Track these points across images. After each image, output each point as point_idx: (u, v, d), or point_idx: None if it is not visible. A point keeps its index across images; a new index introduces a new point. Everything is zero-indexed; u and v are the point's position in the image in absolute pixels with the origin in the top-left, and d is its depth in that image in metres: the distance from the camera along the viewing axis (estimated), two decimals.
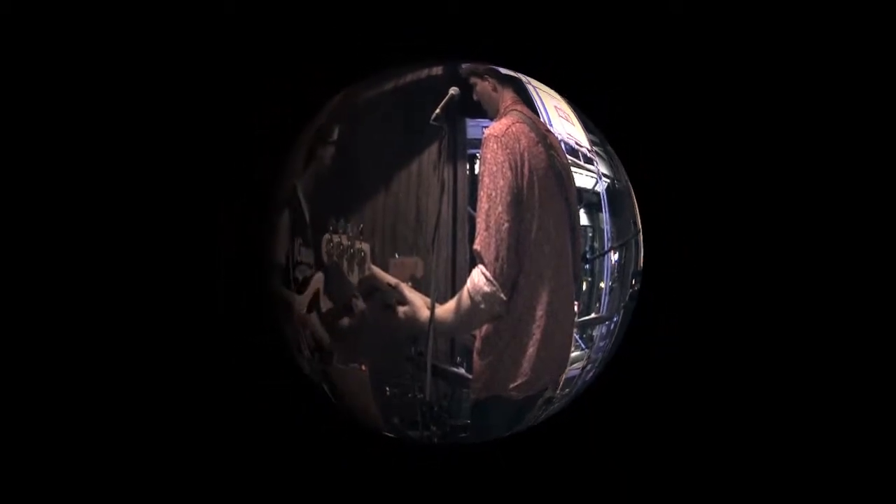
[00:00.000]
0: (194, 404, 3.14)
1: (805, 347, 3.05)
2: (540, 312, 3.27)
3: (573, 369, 3.60)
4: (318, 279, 3.13)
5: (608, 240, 3.39)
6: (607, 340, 3.57)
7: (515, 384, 3.29)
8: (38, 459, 3.10)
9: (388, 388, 3.32)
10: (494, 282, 3.16)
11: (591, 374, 3.63)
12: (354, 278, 3.02)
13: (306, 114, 3.17)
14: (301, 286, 3.09)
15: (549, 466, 3.18)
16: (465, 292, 3.20)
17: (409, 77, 3.03)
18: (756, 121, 2.98)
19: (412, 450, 3.16)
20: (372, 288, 3.10)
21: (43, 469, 3.10)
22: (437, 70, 3.05)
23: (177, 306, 3.12)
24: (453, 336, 3.39)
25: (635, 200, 3.05)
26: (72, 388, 3.11)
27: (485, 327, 3.24)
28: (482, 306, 3.17)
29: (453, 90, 2.91)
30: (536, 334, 3.28)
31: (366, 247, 3.02)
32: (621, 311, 3.44)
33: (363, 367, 3.31)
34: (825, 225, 3.01)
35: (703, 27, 2.94)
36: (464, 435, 3.55)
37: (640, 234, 3.08)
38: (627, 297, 3.49)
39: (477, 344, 3.28)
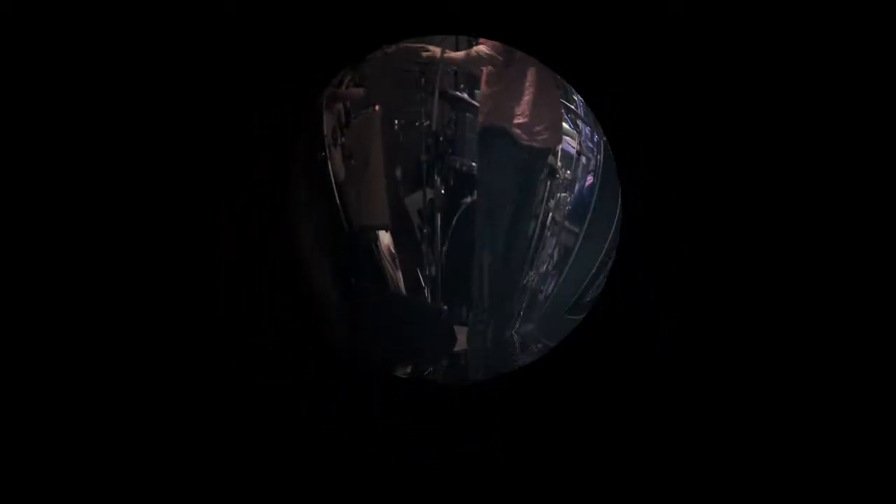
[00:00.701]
0: (194, 404, 3.14)
1: (805, 347, 3.06)
2: (531, 78, 4.28)
3: (568, 144, 4.65)
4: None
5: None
6: (594, 148, 4.62)
7: (518, 121, 4.30)
8: (37, 459, 3.10)
9: (396, 122, 4.52)
10: (493, 50, 4.25)
11: (589, 175, 4.63)
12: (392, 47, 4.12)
13: (306, 114, 3.19)
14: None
15: (546, 465, 3.18)
16: (471, 50, 4.32)
17: None
18: (757, 120, 2.98)
19: (412, 448, 3.16)
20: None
21: (42, 469, 3.09)
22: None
23: (177, 306, 3.12)
24: (460, 69, 4.67)
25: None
26: (71, 388, 3.11)
27: (489, 67, 4.37)
28: (484, 57, 4.30)
29: None
30: (531, 87, 4.30)
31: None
32: (604, 141, 4.34)
33: (377, 108, 4.38)
34: (825, 225, 3.01)
35: (703, 27, 2.95)
36: (469, 199, 4.57)
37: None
38: (602, 137, 4.37)
39: (483, 76, 4.40)
